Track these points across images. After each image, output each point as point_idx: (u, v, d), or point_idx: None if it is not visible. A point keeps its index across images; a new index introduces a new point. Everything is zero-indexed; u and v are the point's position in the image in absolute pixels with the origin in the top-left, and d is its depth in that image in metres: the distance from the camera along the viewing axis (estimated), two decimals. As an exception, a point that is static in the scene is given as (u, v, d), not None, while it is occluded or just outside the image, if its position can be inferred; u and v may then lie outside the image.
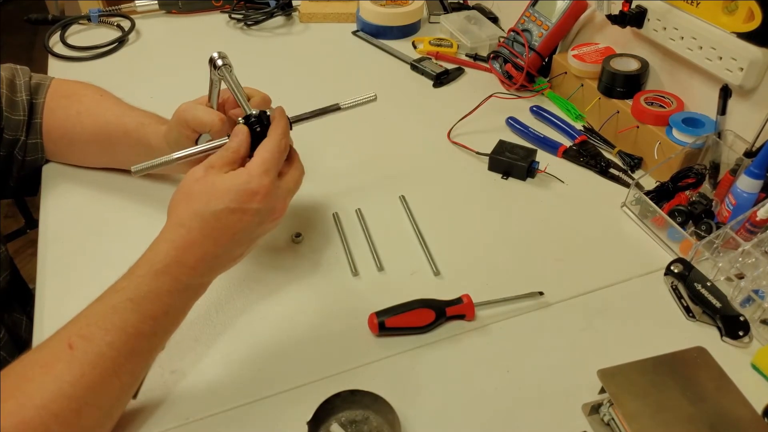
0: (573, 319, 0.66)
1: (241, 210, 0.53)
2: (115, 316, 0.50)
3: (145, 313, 0.51)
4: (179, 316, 0.55)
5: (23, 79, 0.78)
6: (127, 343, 0.50)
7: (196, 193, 0.53)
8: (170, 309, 0.53)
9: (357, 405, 0.56)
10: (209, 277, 0.56)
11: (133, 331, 0.50)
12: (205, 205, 0.53)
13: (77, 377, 0.48)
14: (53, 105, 0.78)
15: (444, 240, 0.75)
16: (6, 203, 1.99)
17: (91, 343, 0.49)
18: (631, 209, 0.79)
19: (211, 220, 0.53)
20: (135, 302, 0.51)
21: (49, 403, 0.46)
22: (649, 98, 0.85)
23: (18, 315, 0.80)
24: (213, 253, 0.54)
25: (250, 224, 0.54)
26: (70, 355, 0.48)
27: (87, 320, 0.51)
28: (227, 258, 0.56)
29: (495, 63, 1.06)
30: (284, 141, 0.57)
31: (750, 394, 0.53)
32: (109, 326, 0.50)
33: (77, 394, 0.48)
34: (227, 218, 0.53)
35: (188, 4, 1.24)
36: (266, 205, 0.54)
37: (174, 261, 0.52)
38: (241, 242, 0.55)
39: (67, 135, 0.78)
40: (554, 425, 0.56)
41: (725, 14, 0.75)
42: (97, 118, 0.75)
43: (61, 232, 0.75)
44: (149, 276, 0.52)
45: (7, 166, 0.79)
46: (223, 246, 0.54)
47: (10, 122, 0.76)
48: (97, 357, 0.49)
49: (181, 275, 0.53)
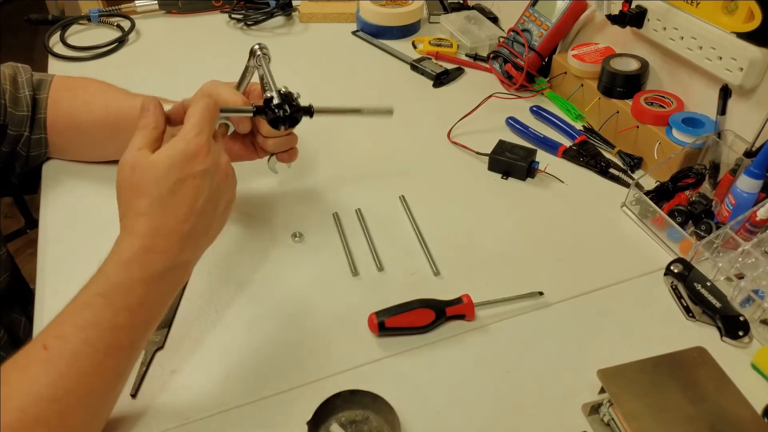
0: (573, 319, 0.66)
1: (190, 176, 0.52)
2: (87, 311, 0.49)
3: (119, 306, 0.49)
4: (158, 306, 0.53)
5: (25, 76, 0.78)
6: (104, 339, 0.49)
7: (140, 179, 0.52)
8: (146, 299, 0.51)
9: (357, 405, 0.56)
10: (184, 257, 0.53)
11: (108, 325, 0.49)
12: (155, 186, 0.51)
13: (55, 378, 0.46)
14: (57, 97, 0.78)
15: (444, 240, 0.75)
16: (6, 203, 1.99)
17: (66, 341, 0.48)
18: (631, 209, 0.79)
19: (167, 198, 0.51)
20: (106, 296, 0.49)
21: (28, 407, 0.45)
22: (649, 98, 0.85)
23: (17, 315, 0.79)
24: (181, 232, 0.52)
25: (203, 188, 0.53)
26: (45, 356, 0.47)
27: (61, 320, 0.49)
28: (199, 232, 0.54)
29: (495, 63, 1.06)
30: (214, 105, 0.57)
31: (750, 394, 0.53)
32: (81, 323, 0.48)
33: (57, 395, 0.46)
34: (181, 190, 0.52)
35: (188, 4, 1.24)
36: (211, 164, 0.53)
37: (141, 249, 0.51)
38: (204, 211, 0.54)
39: (73, 124, 0.78)
40: (554, 425, 0.56)
41: (725, 14, 0.75)
42: (105, 104, 0.76)
43: (61, 231, 0.75)
44: (117, 268, 0.50)
45: (10, 162, 0.79)
46: (189, 221, 0.52)
47: (14, 118, 0.76)
48: (73, 356, 0.47)
49: (152, 262, 0.51)
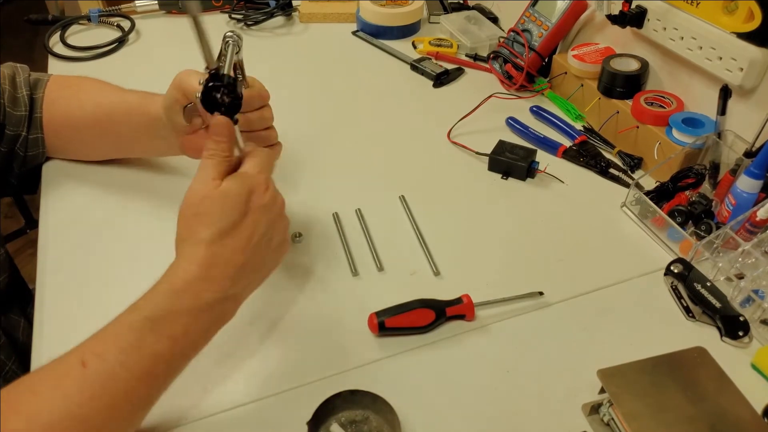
0: (573, 319, 0.66)
1: (251, 210, 0.53)
2: (131, 334, 0.48)
3: (163, 333, 0.49)
4: (200, 339, 0.52)
5: (23, 75, 0.78)
6: (141, 364, 0.48)
7: (208, 209, 0.52)
8: (190, 330, 0.50)
9: (357, 405, 0.56)
10: (236, 289, 0.53)
11: (149, 352, 0.48)
12: (220, 217, 0.51)
13: (87, 399, 0.46)
14: (53, 96, 0.78)
15: (444, 240, 0.75)
16: (6, 203, 1.99)
17: (105, 362, 0.47)
18: (631, 209, 0.79)
19: (229, 230, 0.51)
20: (152, 321, 0.49)
21: (56, 423, 0.44)
22: (649, 98, 0.85)
23: (16, 317, 0.79)
24: (236, 264, 0.52)
25: (261, 223, 0.54)
26: (81, 373, 0.46)
27: (103, 338, 0.49)
28: (251, 267, 0.54)
29: (495, 63, 1.06)
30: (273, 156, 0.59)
31: (750, 394, 0.53)
32: (124, 345, 0.48)
33: (85, 415, 0.45)
34: (243, 223, 0.52)
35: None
36: (269, 200, 0.54)
37: (196, 277, 0.50)
38: (259, 245, 0.54)
39: (69, 122, 0.78)
40: (554, 425, 0.56)
41: (725, 14, 0.75)
42: (99, 101, 0.76)
43: (61, 232, 0.75)
44: (168, 294, 0.50)
45: (9, 162, 0.79)
46: (245, 253, 0.52)
47: (12, 118, 0.76)
48: (109, 378, 0.47)
49: (203, 291, 0.50)
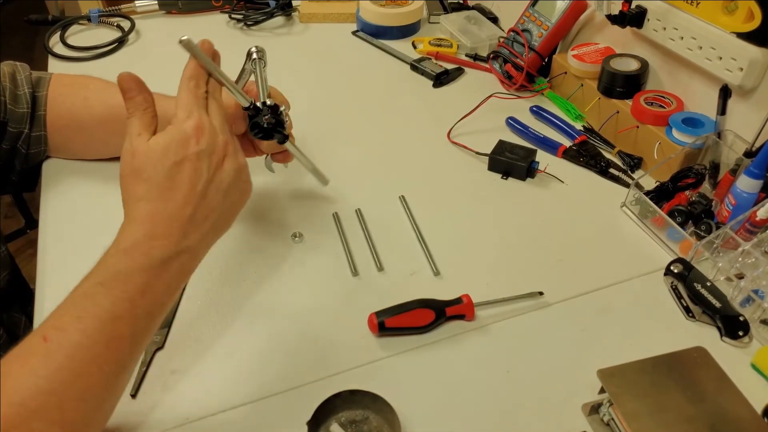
0: (573, 319, 0.66)
1: (186, 159, 0.51)
2: (87, 301, 0.48)
3: (118, 296, 0.48)
4: (162, 296, 0.51)
5: (24, 74, 0.78)
6: (103, 330, 0.47)
7: (139, 165, 0.51)
8: (147, 288, 0.49)
9: (357, 405, 0.56)
10: (189, 242, 0.52)
11: (108, 315, 0.47)
12: (153, 171, 0.50)
13: (54, 371, 0.45)
14: (56, 94, 0.78)
15: (444, 240, 0.75)
16: (6, 203, 1.99)
17: (65, 333, 0.47)
18: (631, 209, 0.79)
19: (164, 182, 0.50)
20: (105, 285, 0.48)
21: (27, 400, 0.44)
22: (648, 98, 0.85)
23: (17, 315, 0.80)
24: (182, 216, 0.51)
25: (202, 170, 0.52)
26: (45, 348, 0.46)
27: (60, 312, 0.48)
28: (202, 217, 0.52)
29: (495, 63, 1.06)
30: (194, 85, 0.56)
31: (750, 394, 0.53)
32: (81, 313, 0.47)
33: (55, 388, 0.45)
34: (178, 173, 0.51)
35: (188, 4, 1.24)
36: (206, 145, 0.52)
37: (142, 236, 0.49)
38: (207, 194, 0.52)
39: (74, 121, 0.78)
40: (554, 425, 0.56)
41: (725, 14, 0.75)
42: (105, 100, 0.76)
43: (61, 231, 0.75)
44: (117, 256, 0.49)
45: (10, 159, 0.79)
46: (189, 204, 0.51)
47: (14, 115, 0.76)
48: (72, 347, 0.46)
49: (153, 249, 0.49)
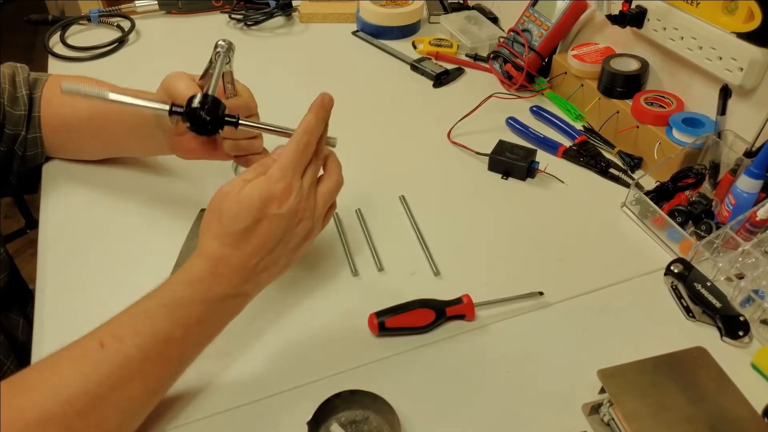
0: (573, 319, 0.66)
1: (265, 219, 0.53)
2: (147, 320, 0.51)
3: (177, 320, 0.52)
4: (213, 328, 0.56)
5: (23, 75, 0.79)
6: (156, 348, 0.51)
7: (225, 208, 0.54)
8: (203, 318, 0.53)
9: (357, 405, 0.56)
10: (246, 287, 0.56)
11: (164, 336, 0.51)
12: (233, 220, 0.53)
13: (104, 376, 0.48)
14: (50, 96, 0.79)
15: (444, 240, 0.75)
16: (6, 203, 1.99)
17: (122, 343, 0.49)
18: (631, 209, 0.79)
19: (240, 235, 0.53)
20: (168, 308, 0.52)
21: (73, 400, 0.47)
22: (649, 98, 0.85)
23: (15, 316, 0.79)
24: (246, 265, 0.54)
25: (277, 230, 0.54)
26: (99, 354, 0.49)
27: (120, 322, 0.51)
28: (263, 267, 0.55)
29: (495, 63, 1.06)
30: (304, 144, 0.56)
31: (750, 394, 0.53)
32: (140, 329, 0.50)
33: (102, 393, 0.48)
34: (254, 230, 0.53)
35: (188, 4, 1.24)
36: (289, 209, 0.54)
37: (208, 272, 0.53)
38: (274, 250, 0.55)
39: (65, 124, 0.79)
40: (554, 425, 0.56)
41: (725, 14, 0.75)
42: (91, 102, 0.76)
43: (61, 232, 0.75)
44: (184, 284, 0.53)
45: (8, 161, 0.79)
46: (256, 256, 0.54)
47: (12, 117, 0.76)
48: (125, 358, 0.49)
49: (215, 285, 0.53)
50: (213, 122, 0.59)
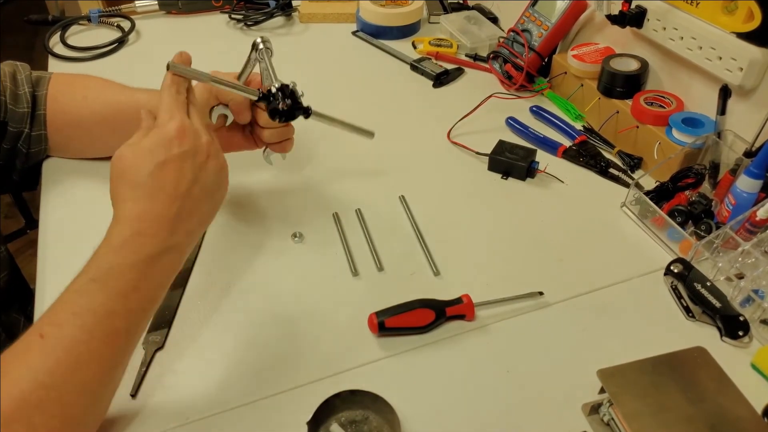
0: (573, 319, 0.66)
1: (169, 159, 0.53)
2: (82, 298, 0.49)
3: (112, 291, 0.50)
4: (154, 290, 0.53)
5: (24, 73, 0.78)
6: (99, 325, 0.49)
7: (125, 167, 0.53)
8: (139, 284, 0.51)
9: (357, 405, 0.56)
10: (175, 239, 0.53)
11: (103, 310, 0.49)
12: (137, 172, 0.52)
13: (52, 366, 0.47)
14: (56, 93, 0.79)
15: (444, 240, 0.75)
16: (6, 203, 1.99)
17: (62, 328, 0.48)
18: (631, 209, 0.79)
19: (149, 182, 0.52)
20: (99, 281, 0.50)
21: (27, 394, 0.45)
22: (648, 98, 0.85)
23: (16, 315, 0.80)
24: (168, 215, 0.52)
25: (185, 170, 0.53)
26: (41, 344, 0.47)
27: (55, 309, 0.49)
28: (187, 213, 0.54)
29: (495, 63, 1.06)
30: (174, 91, 0.57)
31: (750, 394, 0.53)
32: (77, 309, 0.49)
33: (56, 382, 0.46)
34: (162, 173, 0.52)
35: (188, 5, 1.24)
36: (190, 146, 0.54)
37: (130, 234, 0.51)
38: (191, 192, 0.54)
39: (74, 120, 0.78)
40: (554, 425, 0.56)
41: (725, 14, 0.75)
42: (106, 99, 0.76)
43: (61, 232, 0.75)
44: (108, 253, 0.51)
45: (11, 159, 0.79)
46: (175, 203, 0.53)
47: (15, 115, 0.76)
48: (70, 342, 0.48)
49: (142, 246, 0.51)
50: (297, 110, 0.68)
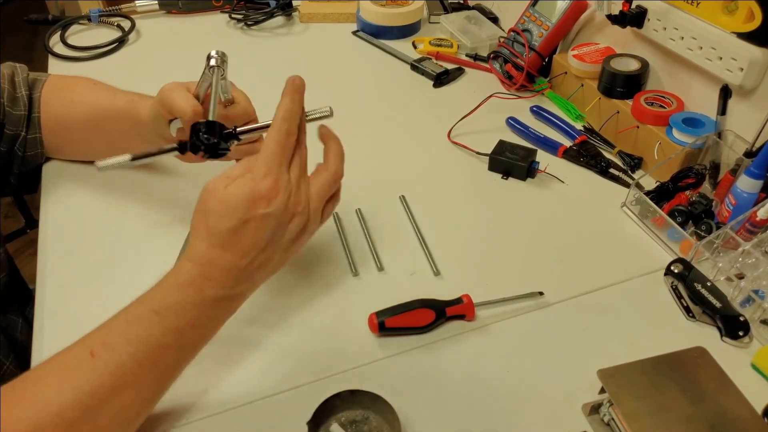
0: (573, 319, 0.66)
1: (253, 219, 0.51)
2: (139, 326, 0.50)
3: (170, 326, 0.50)
4: (207, 331, 0.54)
5: (22, 75, 0.79)
6: (149, 355, 0.49)
7: (210, 208, 0.52)
8: (196, 322, 0.52)
9: (357, 405, 0.56)
10: (239, 289, 0.54)
11: (156, 343, 0.50)
12: (218, 222, 0.51)
13: (95, 387, 0.47)
14: (48, 98, 0.79)
15: (444, 240, 0.75)
16: (6, 203, 1.99)
17: (113, 352, 0.48)
18: (631, 209, 0.79)
19: (227, 236, 0.51)
20: (159, 314, 0.50)
21: (65, 411, 0.46)
22: (649, 98, 0.85)
23: (14, 316, 0.79)
24: (237, 266, 0.52)
25: (266, 230, 0.52)
26: (90, 363, 0.48)
27: (111, 329, 0.50)
28: (256, 267, 0.53)
29: (495, 63, 1.06)
30: (285, 132, 0.54)
31: (750, 394, 0.53)
32: (132, 337, 0.49)
33: (95, 404, 0.47)
34: (242, 231, 0.51)
35: (188, 4, 1.24)
36: (277, 207, 0.52)
37: (198, 274, 0.51)
38: (266, 249, 0.53)
39: (63, 125, 0.79)
40: (554, 425, 0.56)
41: (725, 14, 0.75)
42: (90, 103, 0.76)
43: (61, 232, 0.75)
44: (174, 288, 0.51)
45: (8, 162, 0.79)
46: (246, 257, 0.52)
47: (12, 118, 0.76)
48: (118, 367, 0.48)
49: (207, 288, 0.51)
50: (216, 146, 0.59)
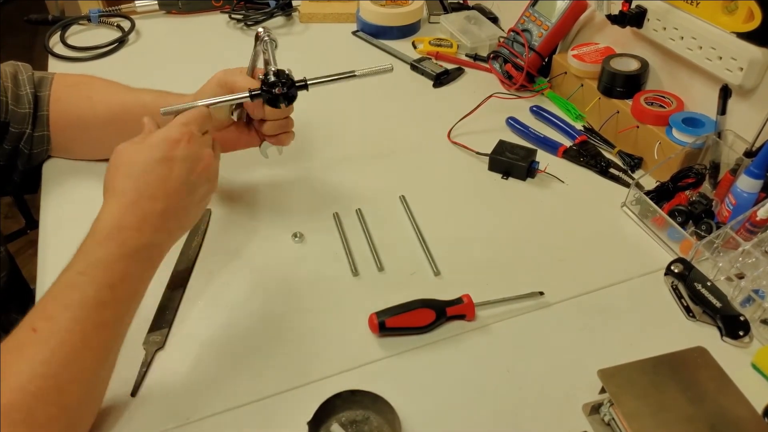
0: (573, 319, 0.66)
1: (167, 158, 0.54)
2: (72, 291, 0.51)
3: (100, 283, 0.51)
4: (139, 282, 0.55)
5: (26, 74, 0.78)
6: (90, 316, 0.50)
7: (123, 161, 0.54)
8: (126, 275, 0.53)
9: (357, 405, 0.56)
10: (158, 236, 0.55)
11: (93, 302, 0.51)
12: (132, 165, 0.53)
13: (48, 356, 0.48)
14: (59, 95, 0.79)
15: (444, 240, 0.75)
16: (6, 204, 1.99)
17: (54, 321, 0.49)
18: (631, 209, 0.79)
19: (141, 176, 0.53)
20: (87, 274, 0.51)
21: (26, 384, 0.47)
22: (649, 98, 0.85)
23: (15, 315, 0.80)
24: (153, 210, 0.54)
25: (180, 172, 0.55)
26: (35, 338, 0.49)
27: (45, 304, 0.51)
28: (172, 213, 0.55)
29: (495, 63, 1.06)
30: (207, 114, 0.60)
31: (750, 394, 0.53)
32: (68, 302, 0.50)
33: (52, 371, 0.48)
34: (156, 170, 0.53)
35: (188, 4, 1.24)
36: (191, 152, 0.55)
37: (115, 227, 0.53)
38: (179, 192, 0.55)
39: (78, 122, 0.78)
40: (554, 425, 0.56)
41: (725, 14, 0.75)
42: (111, 100, 0.77)
43: (61, 232, 0.75)
44: (94, 246, 0.52)
45: (13, 160, 0.79)
46: (161, 200, 0.54)
47: (16, 115, 0.76)
48: (63, 333, 0.49)
49: (127, 239, 0.53)
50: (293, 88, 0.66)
